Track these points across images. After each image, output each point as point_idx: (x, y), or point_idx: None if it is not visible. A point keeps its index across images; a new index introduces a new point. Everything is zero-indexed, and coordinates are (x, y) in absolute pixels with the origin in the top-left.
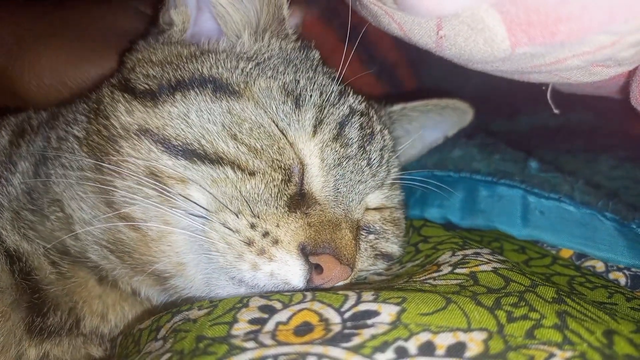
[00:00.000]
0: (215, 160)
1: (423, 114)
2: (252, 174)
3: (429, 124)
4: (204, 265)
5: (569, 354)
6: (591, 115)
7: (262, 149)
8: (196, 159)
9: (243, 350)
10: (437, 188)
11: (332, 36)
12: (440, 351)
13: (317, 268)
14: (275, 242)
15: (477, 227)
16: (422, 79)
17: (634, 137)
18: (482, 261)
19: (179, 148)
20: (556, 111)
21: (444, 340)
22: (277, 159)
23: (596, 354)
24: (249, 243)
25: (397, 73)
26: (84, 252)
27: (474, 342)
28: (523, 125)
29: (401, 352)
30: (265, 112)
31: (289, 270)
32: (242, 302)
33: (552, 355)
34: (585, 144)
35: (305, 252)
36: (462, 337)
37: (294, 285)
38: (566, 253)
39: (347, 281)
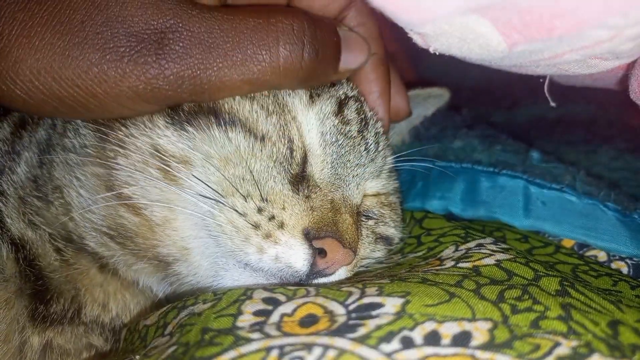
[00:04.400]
0: (228, 122)
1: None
2: (262, 139)
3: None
4: (212, 250)
5: (574, 343)
6: (590, 107)
7: (273, 112)
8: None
9: (249, 341)
10: (438, 179)
11: None
12: (445, 340)
13: (321, 252)
14: (281, 225)
15: (479, 218)
16: (421, 71)
17: (633, 128)
18: (485, 254)
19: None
20: (553, 104)
21: (449, 330)
22: (283, 125)
23: (601, 344)
24: (256, 226)
25: (396, 64)
26: (83, 239)
27: (480, 332)
28: (523, 116)
29: (407, 342)
30: None
31: (293, 253)
32: (246, 294)
33: (558, 344)
34: (584, 135)
35: (309, 237)
36: (467, 326)
37: (298, 269)
38: (568, 243)
39: (351, 267)
